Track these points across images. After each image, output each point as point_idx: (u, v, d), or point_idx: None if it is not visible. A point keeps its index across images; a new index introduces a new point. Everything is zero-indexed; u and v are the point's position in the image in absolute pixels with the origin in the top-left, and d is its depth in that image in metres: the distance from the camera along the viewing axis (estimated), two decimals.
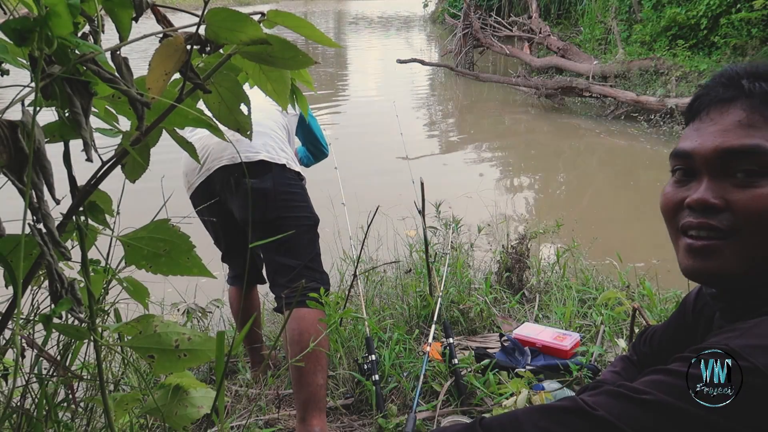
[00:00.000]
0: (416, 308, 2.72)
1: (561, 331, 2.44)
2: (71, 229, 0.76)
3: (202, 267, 0.85)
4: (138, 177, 0.84)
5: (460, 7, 13.56)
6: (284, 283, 2.03)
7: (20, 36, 0.57)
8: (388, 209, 2.96)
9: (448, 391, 2.14)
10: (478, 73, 10.42)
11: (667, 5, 9.80)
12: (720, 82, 0.85)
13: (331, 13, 31.67)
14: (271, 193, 2.01)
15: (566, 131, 7.88)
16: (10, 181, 0.62)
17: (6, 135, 0.59)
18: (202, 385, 0.94)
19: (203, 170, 2.06)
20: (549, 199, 5.86)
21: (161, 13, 0.72)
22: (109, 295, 1.09)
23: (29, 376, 0.98)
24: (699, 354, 0.69)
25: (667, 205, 0.86)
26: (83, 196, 0.73)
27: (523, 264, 3.09)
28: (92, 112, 0.71)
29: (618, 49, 9.84)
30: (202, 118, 0.77)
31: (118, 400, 0.94)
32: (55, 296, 0.68)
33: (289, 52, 0.72)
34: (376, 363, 2.11)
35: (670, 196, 0.86)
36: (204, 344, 0.82)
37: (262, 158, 2.02)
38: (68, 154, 0.72)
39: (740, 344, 0.67)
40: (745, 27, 8.47)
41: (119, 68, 0.67)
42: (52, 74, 0.61)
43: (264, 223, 2.01)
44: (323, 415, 1.93)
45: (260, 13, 0.72)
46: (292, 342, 1.93)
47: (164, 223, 0.82)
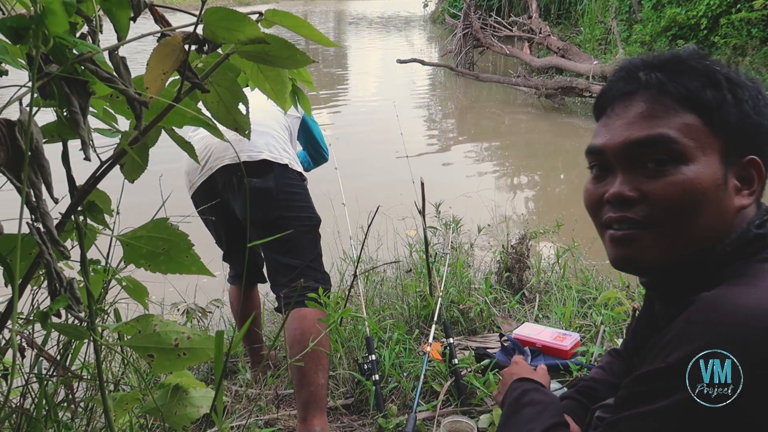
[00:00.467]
0: (416, 308, 2.72)
1: (561, 331, 2.44)
2: (70, 228, 0.77)
3: (201, 265, 0.85)
4: (137, 177, 0.84)
5: (460, 7, 13.56)
6: (285, 283, 2.03)
7: (16, 34, 0.57)
8: (388, 209, 2.96)
9: (448, 391, 2.14)
10: (478, 73, 10.43)
11: (667, 5, 9.80)
12: (620, 76, 0.87)
13: (331, 13, 31.69)
14: (274, 193, 2.01)
15: (566, 131, 7.88)
16: (8, 179, 0.62)
17: (4, 134, 0.59)
18: (202, 385, 0.94)
19: (205, 169, 2.06)
20: (549, 199, 5.86)
21: (159, 12, 0.72)
22: (108, 294, 1.09)
23: (29, 375, 0.98)
24: (642, 380, 0.72)
25: (590, 202, 0.88)
26: (82, 196, 0.73)
27: (523, 264, 3.09)
28: (90, 112, 0.71)
29: (618, 49, 9.84)
30: (200, 117, 0.77)
31: (118, 400, 0.94)
32: (54, 296, 0.68)
33: (287, 52, 0.72)
34: (376, 363, 2.11)
35: (590, 193, 0.88)
36: (203, 343, 0.82)
37: (264, 158, 2.02)
38: (67, 153, 0.72)
39: (678, 357, 0.69)
40: (745, 27, 8.47)
41: (117, 68, 0.68)
42: (50, 73, 0.61)
43: (266, 223, 2.01)
44: (324, 414, 1.93)
45: (258, 13, 0.72)
46: (294, 341, 1.93)
47: (163, 222, 0.82)
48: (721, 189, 0.77)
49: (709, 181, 0.77)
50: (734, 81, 0.80)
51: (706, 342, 0.67)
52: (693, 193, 0.76)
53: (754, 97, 0.80)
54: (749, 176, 0.80)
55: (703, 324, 0.68)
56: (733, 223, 0.79)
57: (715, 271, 0.76)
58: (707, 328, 0.68)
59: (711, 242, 0.78)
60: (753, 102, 0.80)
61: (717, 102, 0.78)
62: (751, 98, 0.80)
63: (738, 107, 0.79)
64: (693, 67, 0.81)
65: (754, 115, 0.80)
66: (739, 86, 0.80)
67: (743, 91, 0.80)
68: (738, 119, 0.79)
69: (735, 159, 0.79)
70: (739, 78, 0.81)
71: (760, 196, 0.81)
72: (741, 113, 0.79)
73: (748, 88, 0.81)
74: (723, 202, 0.78)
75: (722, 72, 0.81)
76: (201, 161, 2.05)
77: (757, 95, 0.81)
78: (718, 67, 0.82)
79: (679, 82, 0.80)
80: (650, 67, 0.83)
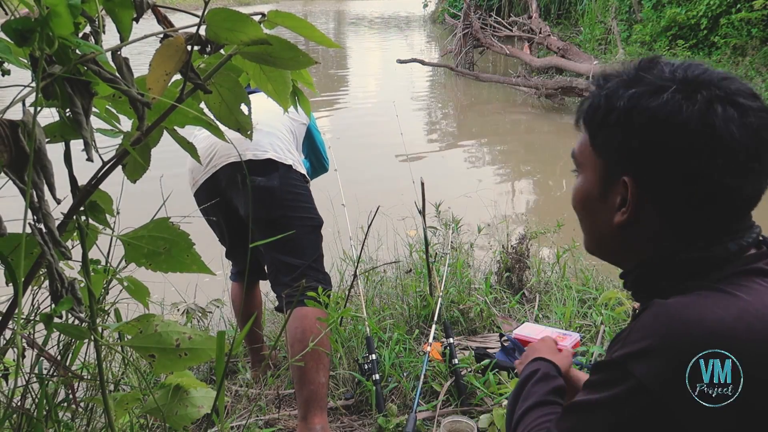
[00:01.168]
0: (416, 308, 2.72)
1: (561, 331, 2.44)
2: (72, 228, 0.77)
3: (202, 264, 0.85)
4: (139, 177, 0.84)
5: (460, 7, 13.55)
6: (287, 282, 2.04)
7: (21, 36, 0.57)
8: (388, 209, 2.96)
9: (448, 391, 2.14)
10: (478, 73, 10.42)
11: (667, 5, 9.80)
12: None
13: (331, 13, 31.67)
14: (278, 192, 2.02)
15: (566, 131, 7.87)
16: (11, 180, 0.62)
17: (7, 134, 0.59)
18: (203, 385, 0.94)
19: (209, 166, 2.07)
20: (549, 199, 5.86)
21: (162, 13, 0.72)
22: (109, 294, 1.10)
23: (30, 376, 0.98)
24: (596, 368, 0.80)
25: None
26: (84, 196, 0.74)
27: (523, 264, 3.09)
28: (93, 112, 0.71)
29: (618, 49, 9.84)
30: (203, 117, 0.77)
31: (119, 400, 0.94)
32: (56, 296, 0.68)
33: (289, 53, 0.72)
34: (376, 363, 2.11)
35: None
36: (204, 343, 0.82)
37: (269, 157, 2.03)
38: (69, 154, 0.72)
39: (620, 354, 0.76)
40: (745, 27, 8.47)
41: (120, 68, 0.68)
42: (53, 74, 0.61)
43: (269, 222, 2.02)
44: (324, 413, 1.93)
45: (260, 14, 0.72)
46: (295, 341, 1.93)
47: (164, 222, 0.82)
48: (597, 201, 0.87)
49: (585, 193, 0.89)
50: (629, 107, 0.79)
51: (647, 344, 0.73)
52: (575, 200, 0.91)
53: (648, 124, 0.78)
54: (624, 196, 0.83)
55: (645, 327, 0.75)
56: (621, 235, 0.85)
57: (678, 282, 0.80)
58: (648, 332, 0.74)
59: (610, 248, 0.90)
60: (642, 129, 0.78)
61: (598, 124, 0.84)
62: (639, 125, 0.78)
63: (616, 130, 0.81)
64: (600, 85, 0.85)
65: (636, 139, 0.79)
66: (632, 111, 0.79)
67: (634, 115, 0.79)
68: (612, 142, 0.83)
69: (612, 177, 0.84)
70: (643, 103, 0.79)
71: (637, 215, 0.82)
72: (617, 136, 0.81)
73: (648, 113, 0.78)
74: (602, 215, 0.87)
75: (627, 94, 0.80)
76: (205, 159, 2.06)
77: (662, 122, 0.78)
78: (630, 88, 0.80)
79: (585, 102, 0.88)
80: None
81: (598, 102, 0.84)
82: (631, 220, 0.83)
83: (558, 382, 1.03)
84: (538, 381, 1.02)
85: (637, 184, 0.81)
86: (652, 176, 0.80)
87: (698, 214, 0.79)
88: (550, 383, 1.01)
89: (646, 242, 0.83)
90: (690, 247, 0.80)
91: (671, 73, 0.80)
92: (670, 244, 0.81)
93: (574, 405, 0.81)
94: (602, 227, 0.87)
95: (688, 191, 0.77)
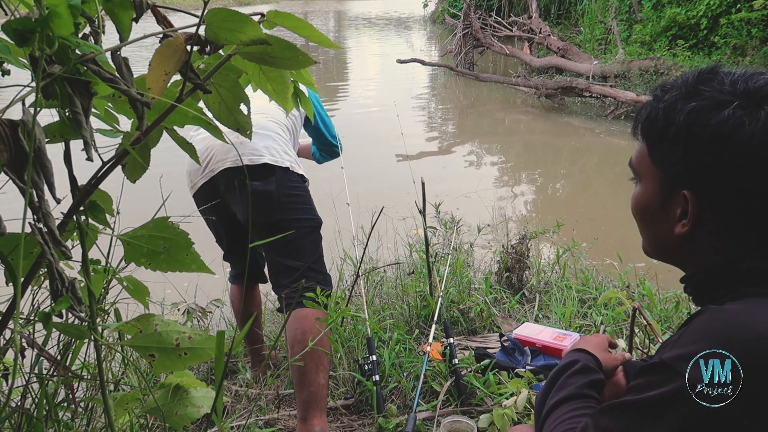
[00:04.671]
0: (416, 308, 2.72)
1: (561, 331, 2.44)
2: (72, 228, 0.77)
3: (201, 264, 0.85)
4: (138, 177, 0.84)
5: (460, 7, 13.55)
6: (288, 284, 2.04)
7: (21, 36, 0.57)
8: (389, 209, 2.96)
9: (448, 391, 2.14)
10: (478, 73, 10.42)
11: (667, 5, 9.80)
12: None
13: (331, 13, 31.66)
14: (275, 196, 2.02)
15: (566, 131, 7.88)
16: (11, 179, 0.62)
17: (7, 134, 0.59)
18: (202, 385, 0.94)
19: (207, 171, 2.06)
20: (549, 199, 5.86)
21: (161, 13, 0.72)
22: (109, 294, 1.10)
23: (29, 375, 0.99)
24: (642, 370, 0.79)
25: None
26: (84, 196, 0.74)
27: (523, 264, 3.09)
28: (93, 112, 0.71)
29: (618, 49, 9.84)
30: (202, 117, 0.77)
31: (118, 400, 0.94)
32: (56, 295, 0.68)
33: (288, 53, 0.73)
34: (376, 363, 2.11)
35: None
36: (204, 343, 0.82)
37: (266, 161, 2.02)
38: (69, 153, 0.72)
39: (669, 356, 0.76)
40: (745, 27, 8.47)
41: (119, 68, 0.68)
42: (52, 74, 0.61)
43: (267, 226, 2.01)
44: (324, 414, 1.93)
45: (260, 14, 0.72)
46: (295, 341, 1.93)
47: (163, 221, 0.82)
48: (658, 212, 0.88)
49: (644, 202, 0.91)
50: (689, 123, 0.80)
51: (698, 348, 0.73)
52: (634, 208, 0.94)
53: (709, 140, 0.79)
54: (684, 209, 0.84)
55: (696, 332, 0.76)
56: (682, 244, 0.87)
57: (732, 290, 0.81)
58: (702, 335, 0.75)
59: (670, 254, 0.91)
60: (702, 145, 0.79)
61: (656, 137, 0.85)
62: (700, 142, 0.79)
63: (676, 145, 0.82)
64: (657, 97, 0.86)
65: (697, 155, 0.80)
66: (692, 127, 0.79)
67: (694, 132, 0.79)
68: (671, 156, 0.83)
69: (672, 190, 0.85)
70: (703, 119, 0.79)
71: (698, 227, 0.83)
72: (677, 151, 0.82)
73: (709, 129, 0.78)
74: (662, 224, 0.88)
75: (687, 108, 0.80)
76: (202, 162, 2.05)
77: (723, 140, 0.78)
78: (689, 102, 0.80)
79: (641, 111, 0.88)
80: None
81: (656, 114, 0.84)
82: (691, 231, 0.84)
83: (596, 375, 0.99)
84: (575, 372, 0.99)
85: (697, 197, 0.82)
86: (713, 192, 0.81)
87: (760, 226, 0.80)
88: (588, 376, 0.98)
89: (707, 250, 0.85)
90: (751, 257, 0.80)
91: (731, 85, 0.79)
92: (731, 253, 0.82)
93: (617, 404, 0.79)
94: (662, 236, 0.89)
95: (748, 206, 0.79)
